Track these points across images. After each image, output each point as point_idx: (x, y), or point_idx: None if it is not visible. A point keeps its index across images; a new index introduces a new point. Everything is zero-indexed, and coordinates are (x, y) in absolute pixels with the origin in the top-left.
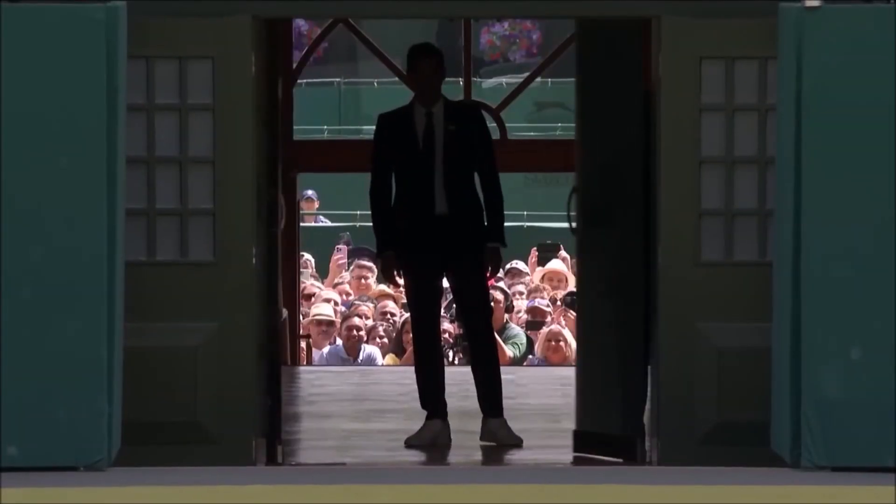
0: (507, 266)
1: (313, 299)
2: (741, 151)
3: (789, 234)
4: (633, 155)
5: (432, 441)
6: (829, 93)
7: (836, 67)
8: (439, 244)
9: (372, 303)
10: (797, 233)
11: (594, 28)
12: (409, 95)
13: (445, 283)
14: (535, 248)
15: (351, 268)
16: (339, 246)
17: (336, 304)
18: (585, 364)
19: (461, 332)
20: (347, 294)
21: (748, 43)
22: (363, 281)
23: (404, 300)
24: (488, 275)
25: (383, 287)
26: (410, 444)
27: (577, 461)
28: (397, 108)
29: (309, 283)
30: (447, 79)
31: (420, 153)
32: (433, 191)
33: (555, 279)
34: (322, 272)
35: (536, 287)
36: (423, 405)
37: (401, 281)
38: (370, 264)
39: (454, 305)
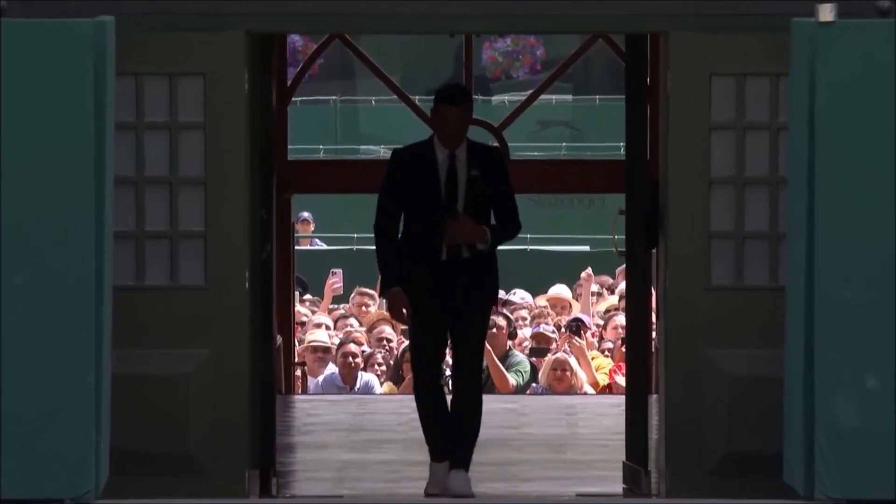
0: (506, 297)
1: (308, 325)
2: (752, 171)
3: (802, 257)
4: None
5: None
6: (843, 110)
7: (850, 84)
8: (452, 286)
9: (368, 329)
10: (810, 256)
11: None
12: (407, 115)
13: None
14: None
15: (352, 294)
16: (335, 270)
17: (327, 327)
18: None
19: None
20: (345, 318)
21: (759, 59)
22: (364, 308)
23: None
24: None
25: (380, 311)
26: (429, 493)
27: (626, 493)
28: (415, 145)
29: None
30: None
31: (441, 197)
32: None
33: (558, 305)
34: (317, 294)
35: (540, 312)
36: (430, 451)
37: (407, 317)
38: (372, 291)
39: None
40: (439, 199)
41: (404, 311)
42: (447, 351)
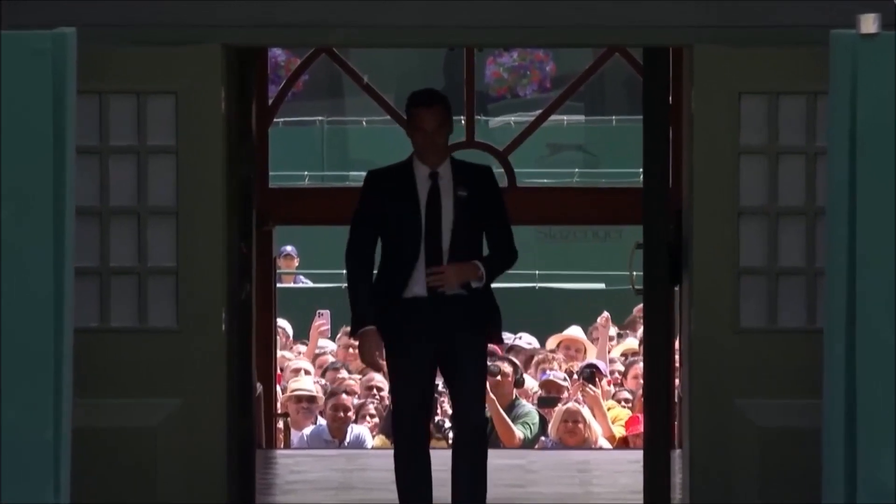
0: (512, 341)
1: (290, 371)
2: (786, 200)
3: (843, 295)
4: None
5: None
6: (888, 131)
7: None
8: (439, 327)
9: (358, 375)
10: (852, 295)
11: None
12: (401, 137)
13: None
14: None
15: (338, 336)
16: (321, 311)
17: (308, 372)
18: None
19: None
20: (334, 369)
21: (794, 75)
22: (352, 351)
23: None
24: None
25: None
26: None
27: None
28: (392, 165)
29: (283, 354)
30: None
31: (421, 222)
32: (437, 266)
33: (571, 348)
34: (303, 336)
35: (546, 357)
36: None
37: (383, 363)
38: None
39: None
40: (419, 224)
41: (378, 355)
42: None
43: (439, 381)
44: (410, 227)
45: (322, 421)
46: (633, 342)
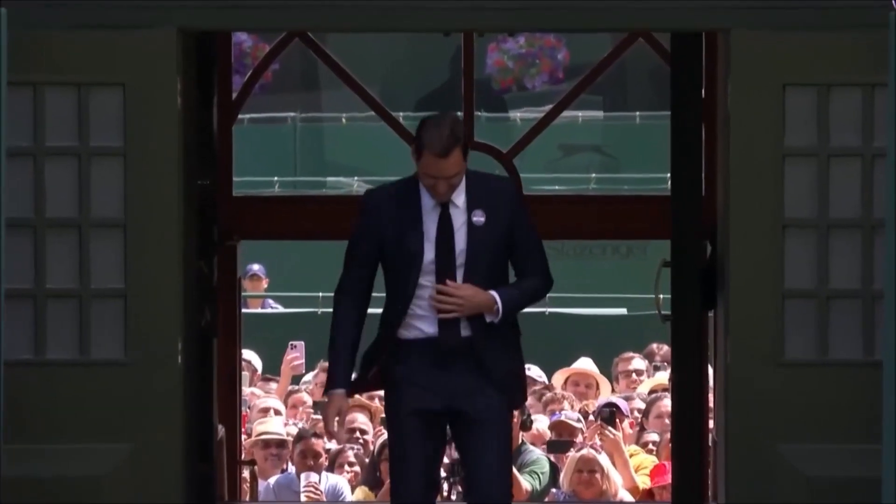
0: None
1: (258, 412)
2: (839, 211)
3: None
4: None
5: None
6: None
7: None
8: (450, 381)
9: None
10: None
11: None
12: (387, 137)
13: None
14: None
15: (314, 372)
16: (294, 343)
17: (278, 412)
18: None
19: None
20: (305, 411)
21: (848, 64)
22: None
23: (381, 413)
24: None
25: (357, 396)
26: None
27: None
28: (396, 183)
29: (251, 391)
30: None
31: (420, 254)
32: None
33: (581, 384)
34: (273, 371)
35: (555, 396)
36: None
37: (337, 433)
38: None
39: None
40: (419, 258)
41: (337, 423)
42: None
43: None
44: (416, 261)
45: (292, 468)
46: (661, 377)
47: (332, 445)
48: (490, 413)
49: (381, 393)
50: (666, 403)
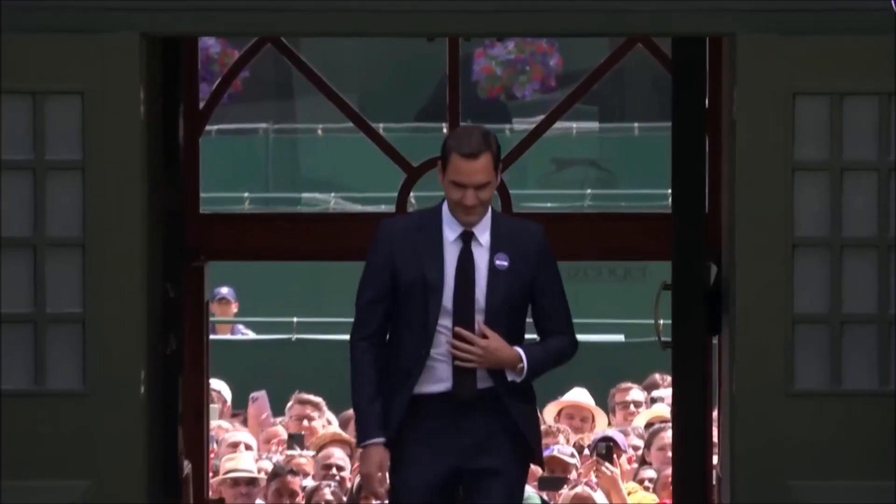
0: None
1: (227, 446)
2: (853, 229)
3: None
4: None
5: None
6: None
7: None
8: (461, 440)
9: (311, 452)
10: None
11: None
12: (366, 150)
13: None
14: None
15: (289, 404)
16: (255, 394)
17: (248, 447)
18: None
19: None
20: (281, 446)
21: (864, 71)
22: (305, 423)
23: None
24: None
25: (336, 429)
26: None
27: None
28: (416, 214)
29: (220, 423)
30: (422, 125)
31: (440, 288)
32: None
33: (576, 417)
34: (240, 407)
35: (548, 429)
36: None
37: (382, 492)
38: (317, 399)
39: None
40: (437, 298)
41: (381, 479)
42: None
43: None
44: (430, 303)
45: None
46: (660, 408)
47: (309, 482)
48: (506, 471)
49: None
50: (668, 435)
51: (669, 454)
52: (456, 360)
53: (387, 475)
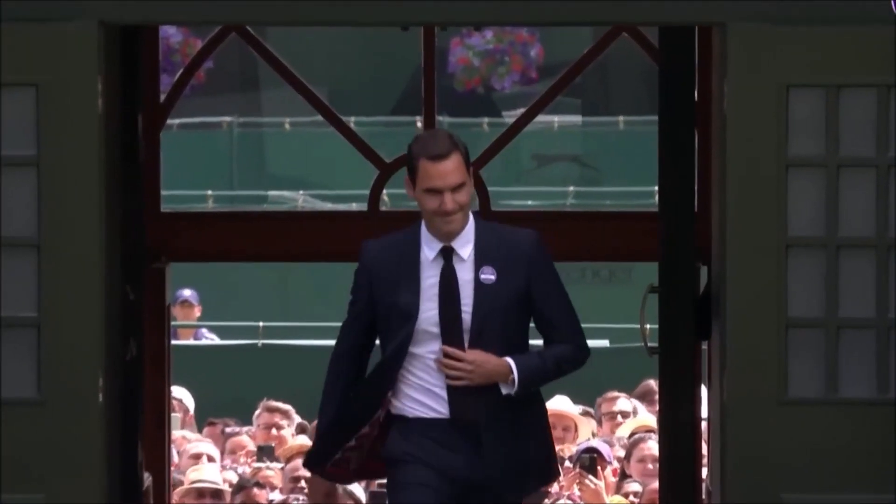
0: None
1: (189, 458)
2: (850, 229)
3: None
4: None
5: None
6: None
7: None
8: (463, 465)
9: (279, 464)
10: None
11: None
12: (337, 144)
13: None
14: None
15: (257, 412)
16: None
17: (212, 459)
18: None
19: None
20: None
21: (861, 63)
22: (274, 432)
23: None
24: None
25: (304, 441)
26: None
27: None
28: (395, 235)
29: (183, 434)
30: (395, 119)
31: (414, 316)
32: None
33: (558, 426)
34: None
35: None
36: None
37: None
38: (285, 407)
39: None
40: (412, 322)
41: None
42: None
43: None
44: (402, 330)
45: None
46: (645, 418)
47: (277, 496)
48: (517, 490)
49: None
50: (650, 446)
51: (650, 466)
52: (447, 379)
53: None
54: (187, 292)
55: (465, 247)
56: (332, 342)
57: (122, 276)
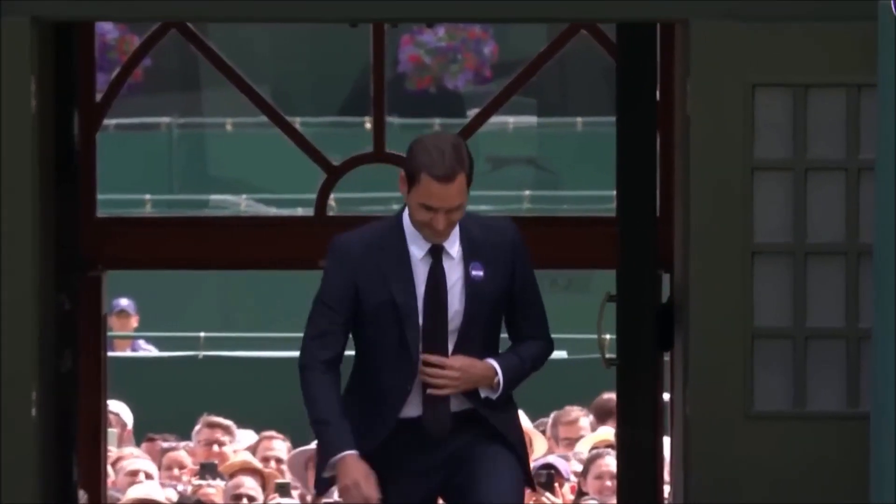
0: None
1: (125, 475)
2: (819, 235)
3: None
4: None
5: None
6: None
7: None
8: (440, 454)
9: (221, 482)
10: None
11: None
12: (282, 146)
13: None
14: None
15: (197, 427)
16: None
17: (150, 476)
18: None
19: None
20: (191, 473)
21: (830, 62)
22: (216, 448)
23: (277, 477)
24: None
25: (246, 457)
26: None
27: None
28: (371, 227)
29: (119, 450)
30: (343, 119)
31: (416, 321)
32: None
33: None
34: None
35: None
36: None
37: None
38: (227, 422)
39: None
40: (413, 324)
41: (373, 487)
42: None
43: None
44: (406, 332)
45: None
46: (604, 432)
47: None
48: (502, 460)
49: (278, 455)
50: (608, 462)
51: (608, 483)
52: (428, 388)
53: (374, 488)
54: (124, 301)
55: (452, 245)
56: (277, 353)
57: (56, 284)
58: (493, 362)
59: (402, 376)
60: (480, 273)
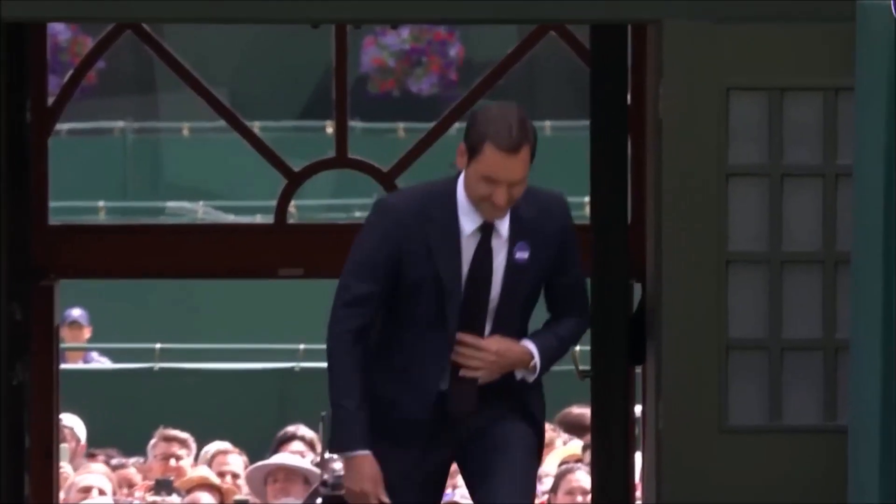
0: None
1: (78, 491)
2: (794, 244)
3: (877, 380)
4: None
5: None
6: None
7: None
8: (454, 424)
9: (177, 498)
10: (889, 378)
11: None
12: (240, 151)
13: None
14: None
15: (152, 441)
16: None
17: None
18: None
19: None
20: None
21: (806, 64)
22: (173, 463)
23: (235, 493)
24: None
25: (204, 473)
26: None
27: None
28: (426, 192)
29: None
30: (304, 124)
31: (458, 296)
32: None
33: None
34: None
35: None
36: None
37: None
38: (184, 436)
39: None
40: (455, 301)
41: (382, 494)
42: None
43: None
44: (447, 310)
45: None
46: (574, 446)
47: None
48: (513, 428)
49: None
50: (578, 477)
51: (579, 499)
52: (462, 369)
53: (382, 493)
54: (77, 312)
55: (503, 223)
56: (237, 365)
57: (7, 294)
58: (531, 346)
59: (435, 354)
60: (525, 255)
